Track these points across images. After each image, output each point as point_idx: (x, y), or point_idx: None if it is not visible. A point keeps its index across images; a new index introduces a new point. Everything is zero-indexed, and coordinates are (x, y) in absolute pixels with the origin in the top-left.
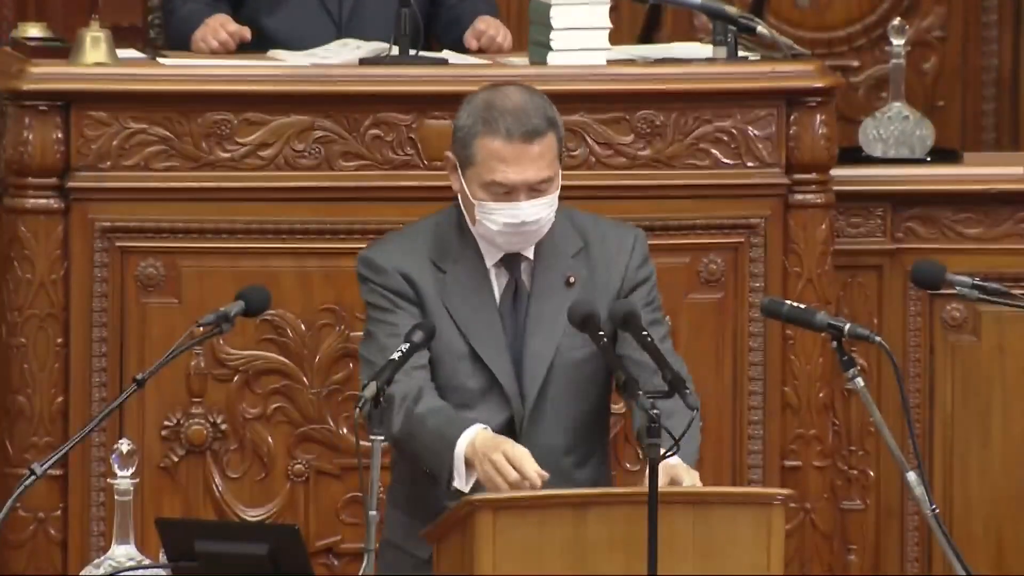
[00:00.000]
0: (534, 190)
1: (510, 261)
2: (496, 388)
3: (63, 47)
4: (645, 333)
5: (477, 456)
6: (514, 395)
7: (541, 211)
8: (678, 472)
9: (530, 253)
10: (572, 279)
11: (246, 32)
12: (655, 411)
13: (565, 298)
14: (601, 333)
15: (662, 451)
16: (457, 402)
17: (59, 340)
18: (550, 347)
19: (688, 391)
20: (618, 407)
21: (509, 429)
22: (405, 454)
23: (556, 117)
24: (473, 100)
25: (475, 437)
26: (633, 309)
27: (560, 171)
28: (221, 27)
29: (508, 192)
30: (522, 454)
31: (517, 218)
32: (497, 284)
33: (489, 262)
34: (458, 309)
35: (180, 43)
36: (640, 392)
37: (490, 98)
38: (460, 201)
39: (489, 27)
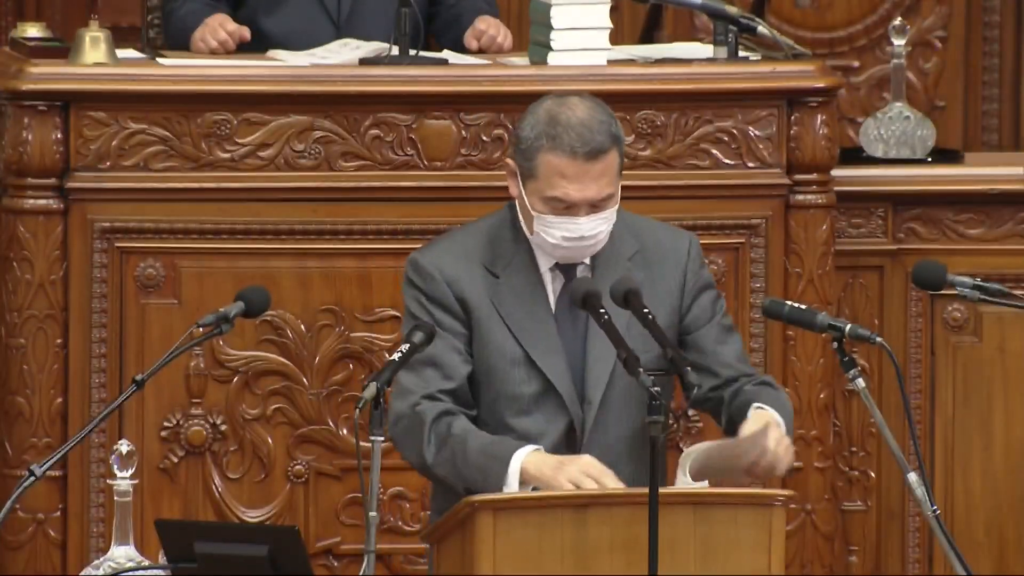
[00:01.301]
0: (594, 207)
1: (567, 265)
2: (552, 394)
3: (62, 47)
4: (646, 311)
5: (545, 473)
6: (571, 400)
7: (599, 226)
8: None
9: (587, 258)
10: None
11: (245, 32)
12: (655, 388)
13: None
14: (602, 311)
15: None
16: (514, 410)
17: (58, 341)
18: (612, 351)
19: (689, 369)
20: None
21: (569, 435)
22: (437, 477)
23: (620, 133)
24: (536, 111)
25: (533, 454)
26: (633, 287)
27: (620, 184)
28: (220, 27)
29: (568, 208)
30: (603, 470)
31: (576, 233)
32: (552, 288)
33: (543, 266)
34: (511, 314)
35: (179, 43)
36: (640, 370)
37: (555, 111)
38: (517, 206)
39: (489, 27)
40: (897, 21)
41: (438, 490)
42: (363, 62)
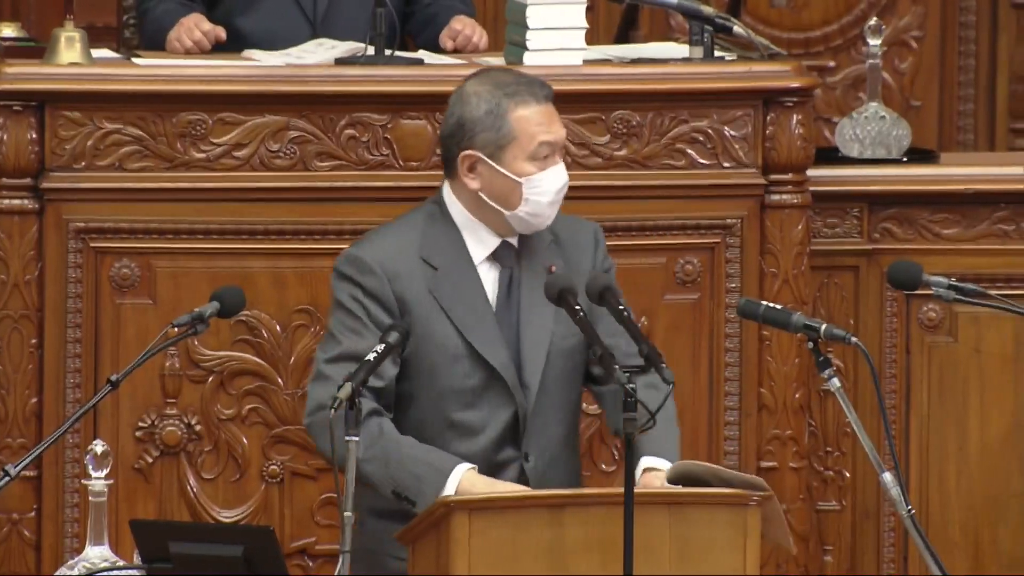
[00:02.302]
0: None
1: (502, 254)
2: (497, 383)
3: (37, 47)
4: (622, 307)
5: (478, 490)
6: (515, 387)
7: None
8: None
9: (516, 243)
10: (553, 268)
11: (221, 32)
12: (632, 385)
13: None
14: (578, 307)
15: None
16: (459, 404)
17: (33, 341)
18: (545, 335)
19: (664, 365)
20: (592, 408)
21: (513, 424)
22: (358, 474)
23: None
24: (474, 91)
25: (470, 471)
26: (610, 284)
27: None
28: (195, 26)
29: (550, 154)
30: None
31: (562, 178)
32: (488, 279)
33: (478, 258)
34: (452, 307)
35: (155, 43)
36: (617, 366)
37: (491, 80)
38: (487, 195)
39: (465, 27)
40: (873, 21)
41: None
42: (339, 62)
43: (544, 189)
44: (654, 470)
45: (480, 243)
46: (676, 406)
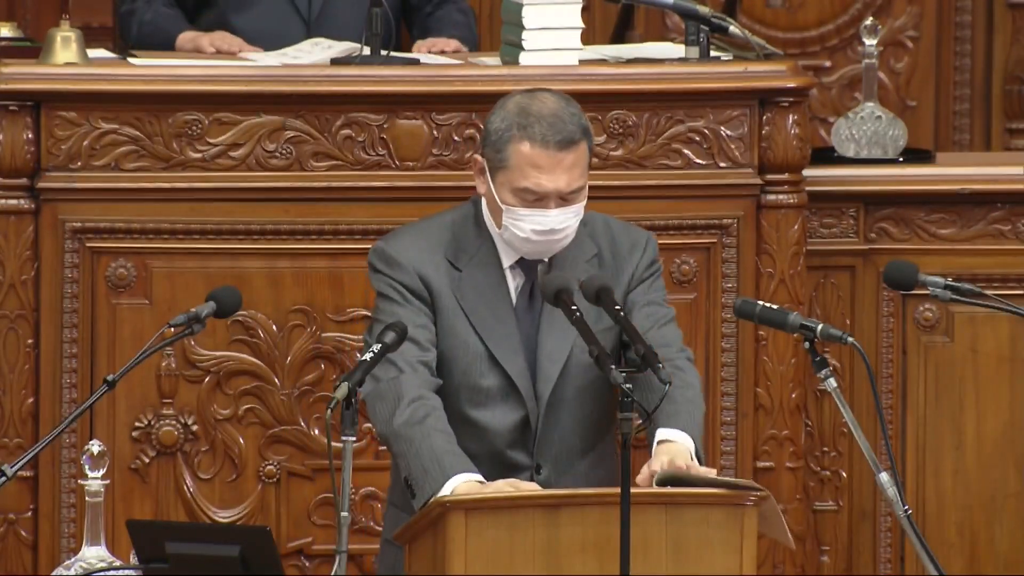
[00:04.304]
0: (563, 199)
1: (527, 262)
2: (511, 388)
3: (33, 47)
4: (617, 308)
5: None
6: (529, 396)
7: (568, 220)
8: (675, 462)
9: (553, 254)
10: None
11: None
12: (628, 385)
13: (577, 300)
14: (574, 307)
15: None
16: (473, 401)
17: (29, 341)
18: (564, 348)
19: (661, 366)
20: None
21: (524, 428)
22: (389, 445)
23: (589, 126)
24: (507, 104)
25: (468, 484)
26: (605, 284)
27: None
28: (227, 35)
29: (538, 199)
30: (531, 487)
31: (545, 226)
32: (513, 285)
33: (506, 263)
34: (474, 309)
35: (150, 45)
36: (612, 367)
37: (525, 103)
38: (484, 203)
39: (445, 46)
40: (868, 21)
41: (396, 486)
42: (335, 62)
43: (520, 226)
44: (669, 442)
45: (508, 248)
46: (700, 382)
